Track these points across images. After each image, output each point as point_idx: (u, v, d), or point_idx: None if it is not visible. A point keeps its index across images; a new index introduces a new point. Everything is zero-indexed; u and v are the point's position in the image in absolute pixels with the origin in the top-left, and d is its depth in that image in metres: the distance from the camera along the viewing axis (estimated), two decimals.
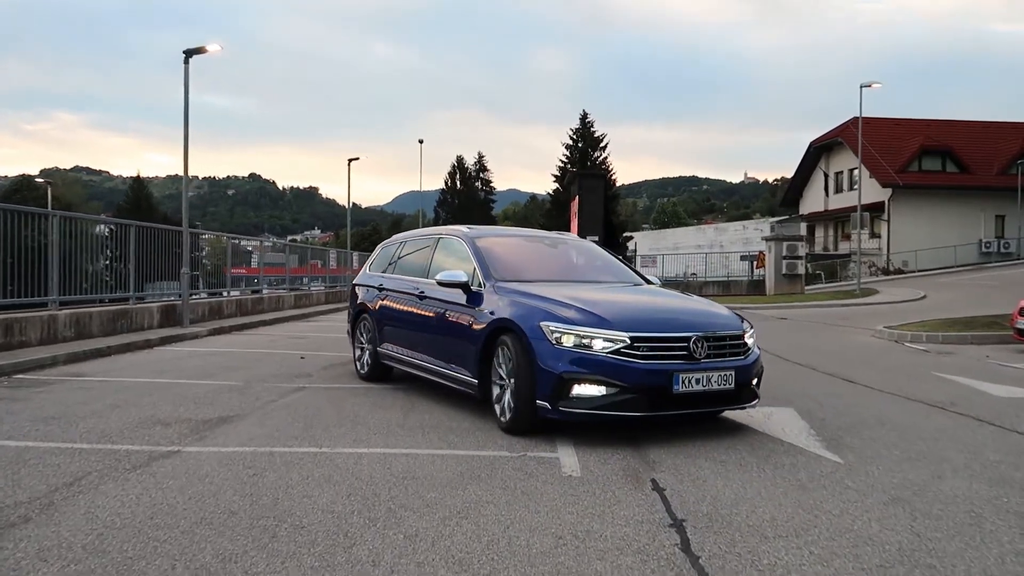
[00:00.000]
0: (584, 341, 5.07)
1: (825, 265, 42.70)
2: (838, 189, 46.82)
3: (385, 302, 7.72)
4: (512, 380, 5.34)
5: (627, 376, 4.96)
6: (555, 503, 3.77)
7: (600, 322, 5.17)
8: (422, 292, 6.94)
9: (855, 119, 39.02)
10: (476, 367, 5.79)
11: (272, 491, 3.91)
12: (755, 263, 34.44)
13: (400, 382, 7.76)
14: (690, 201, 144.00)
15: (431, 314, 6.69)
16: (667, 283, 8.58)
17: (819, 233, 48.93)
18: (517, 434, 5.29)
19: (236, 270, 22.03)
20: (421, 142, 47.18)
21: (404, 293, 7.35)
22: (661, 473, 4.36)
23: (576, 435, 5.30)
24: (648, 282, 7.02)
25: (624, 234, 47.42)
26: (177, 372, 8.42)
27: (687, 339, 5.15)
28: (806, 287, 31.73)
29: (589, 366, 5.01)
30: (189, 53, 13.23)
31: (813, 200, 49.46)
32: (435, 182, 74.23)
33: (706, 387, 5.13)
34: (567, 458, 4.67)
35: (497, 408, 5.54)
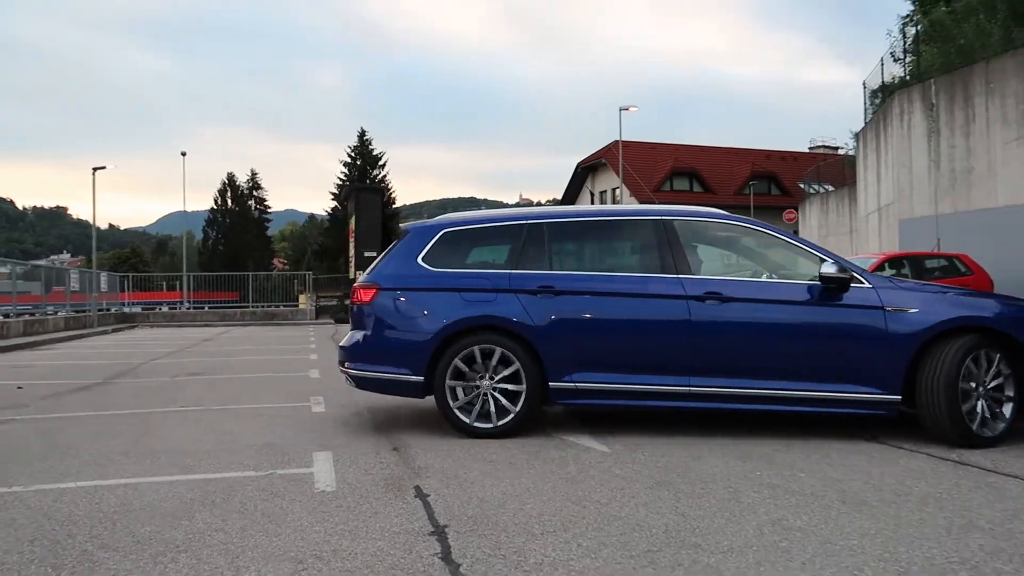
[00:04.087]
0: None
1: None
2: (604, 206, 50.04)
3: (586, 315, 5.13)
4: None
5: None
6: (300, 523, 3.24)
7: None
8: (712, 293, 4.97)
9: (616, 142, 42.02)
10: (900, 380, 4.73)
11: None
12: None
13: (139, 406, 6.73)
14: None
15: (747, 322, 4.98)
16: None
17: None
18: None
19: None
20: (184, 154, 43.55)
21: (648, 297, 5.09)
22: (427, 479, 3.99)
23: (337, 445, 4.80)
24: None
25: None
26: None
27: None
28: None
29: None
30: None
31: None
32: (205, 201, 69.17)
33: None
34: (323, 472, 4.15)
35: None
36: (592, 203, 50.63)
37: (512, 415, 5.02)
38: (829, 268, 4.85)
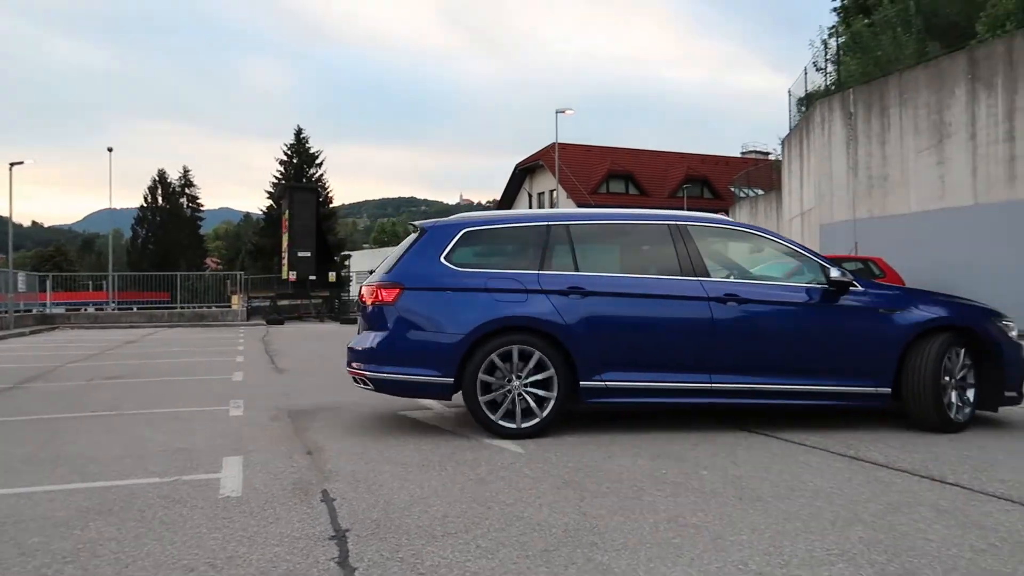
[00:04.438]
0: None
1: None
2: (540, 209, 50.38)
3: (615, 315, 5.25)
4: (973, 381, 5.38)
5: None
6: (199, 530, 3.19)
7: None
8: (731, 295, 5.25)
9: (554, 144, 42.36)
10: (892, 374, 5.26)
11: None
12: None
13: (49, 411, 6.50)
14: (410, 221, 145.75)
15: (762, 322, 5.28)
16: None
17: None
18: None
19: None
20: (110, 150, 42.07)
21: (673, 298, 5.26)
22: (336, 483, 3.97)
23: (250, 450, 4.73)
24: None
25: (343, 252, 46.60)
26: None
27: None
28: None
29: None
30: None
31: None
32: (135, 199, 66.88)
33: None
34: (230, 478, 4.08)
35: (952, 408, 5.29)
36: (530, 205, 50.96)
37: (537, 419, 5.04)
38: (835, 273, 5.30)
